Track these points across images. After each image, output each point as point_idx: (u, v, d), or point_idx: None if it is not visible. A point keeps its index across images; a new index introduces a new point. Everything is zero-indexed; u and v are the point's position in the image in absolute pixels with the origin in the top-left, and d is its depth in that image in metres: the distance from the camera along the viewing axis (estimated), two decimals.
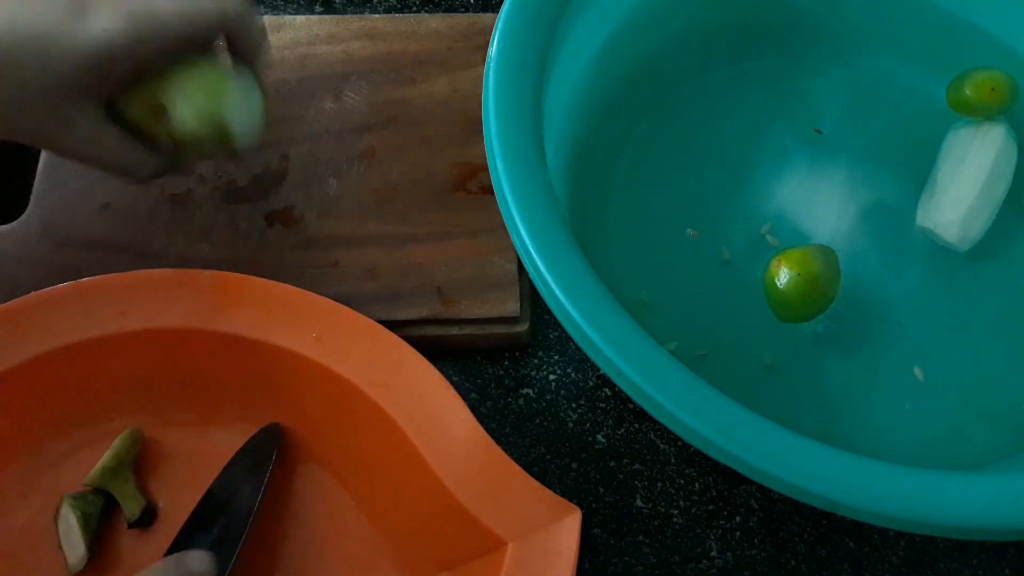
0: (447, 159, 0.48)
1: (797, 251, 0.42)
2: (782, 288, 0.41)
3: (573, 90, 0.46)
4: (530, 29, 0.40)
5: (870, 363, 0.44)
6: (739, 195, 0.48)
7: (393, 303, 0.44)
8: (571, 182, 0.46)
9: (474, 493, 0.36)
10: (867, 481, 0.31)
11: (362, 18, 0.53)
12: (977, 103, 0.47)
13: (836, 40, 0.52)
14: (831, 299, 0.42)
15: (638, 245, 0.47)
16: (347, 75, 0.51)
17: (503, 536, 0.35)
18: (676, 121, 0.50)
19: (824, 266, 0.42)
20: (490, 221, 0.46)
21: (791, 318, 0.43)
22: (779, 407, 0.40)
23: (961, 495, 0.32)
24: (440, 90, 0.50)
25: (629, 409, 0.44)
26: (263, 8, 0.56)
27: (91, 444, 0.41)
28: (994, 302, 0.46)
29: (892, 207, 0.48)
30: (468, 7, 0.57)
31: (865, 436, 0.42)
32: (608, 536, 0.42)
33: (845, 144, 0.50)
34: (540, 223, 0.35)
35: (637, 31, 0.49)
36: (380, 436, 0.39)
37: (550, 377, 0.45)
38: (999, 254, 0.47)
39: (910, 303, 0.46)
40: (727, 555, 0.42)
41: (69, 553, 0.38)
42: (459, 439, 0.37)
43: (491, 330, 0.44)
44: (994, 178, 0.46)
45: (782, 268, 0.42)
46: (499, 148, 0.37)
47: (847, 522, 0.42)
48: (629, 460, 0.43)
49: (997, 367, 0.44)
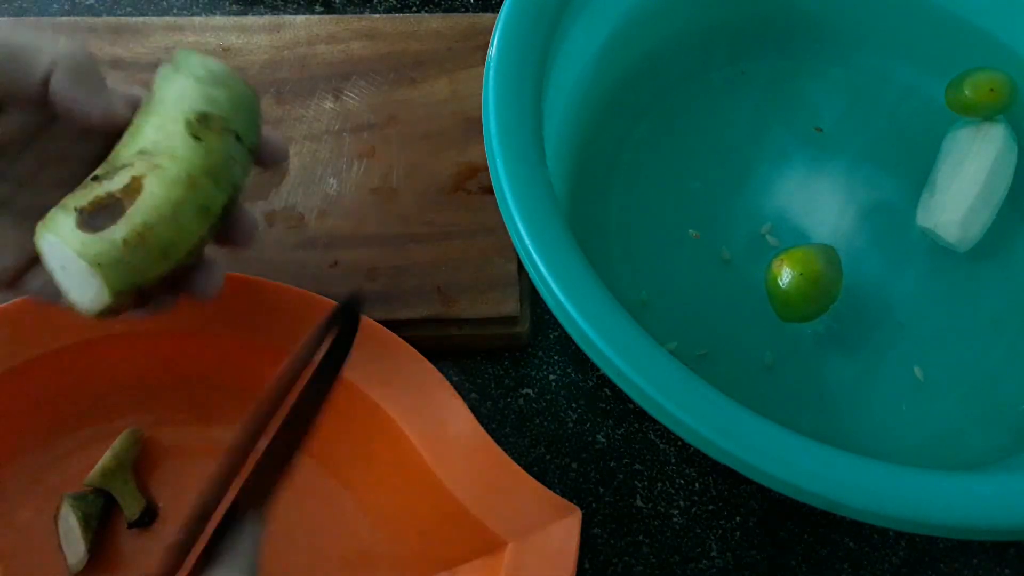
0: (447, 159, 0.48)
1: (799, 251, 0.42)
2: (784, 288, 0.41)
3: (573, 90, 0.46)
4: (530, 29, 0.40)
5: (870, 363, 0.44)
6: (739, 195, 0.48)
7: (393, 303, 0.44)
8: (571, 182, 0.46)
9: (474, 493, 0.36)
10: (867, 481, 0.31)
11: (362, 18, 0.53)
12: (976, 103, 0.47)
13: (836, 40, 0.52)
14: (833, 298, 0.42)
15: (638, 245, 0.47)
16: (347, 75, 0.51)
17: (503, 536, 0.35)
18: (676, 121, 0.50)
19: (826, 265, 0.42)
20: (490, 221, 0.46)
21: (793, 318, 0.43)
22: (779, 407, 0.40)
23: (961, 495, 0.32)
24: (440, 90, 0.50)
25: (629, 409, 0.44)
26: (263, 8, 0.56)
27: (91, 444, 0.41)
28: (994, 302, 0.46)
29: (892, 207, 0.48)
30: (468, 7, 0.57)
31: (865, 436, 0.42)
32: (608, 536, 0.42)
33: (845, 144, 0.50)
34: (540, 223, 0.36)
35: (637, 31, 0.49)
36: (380, 436, 0.39)
37: (550, 377, 0.45)
38: (999, 254, 0.47)
39: (910, 303, 0.46)
40: (727, 555, 0.42)
41: (69, 553, 0.38)
42: (459, 439, 0.37)
43: (491, 330, 0.44)
44: (994, 178, 0.46)
45: (784, 268, 0.42)
46: (499, 148, 0.37)
47: (847, 522, 0.42)
48: (629, 460, 0.43)
49: (997, 367, 0.44)
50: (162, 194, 0.31)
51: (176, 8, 0.56)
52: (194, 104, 0.33)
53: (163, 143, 0.32)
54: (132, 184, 0.30)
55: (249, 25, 0.52)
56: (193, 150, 0.32)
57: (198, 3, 0.56)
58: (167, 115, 0.32)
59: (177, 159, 0.31)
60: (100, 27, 0.51)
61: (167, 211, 0.30)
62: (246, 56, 0.51)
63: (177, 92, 0.33)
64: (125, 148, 0.32)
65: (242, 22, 0.52)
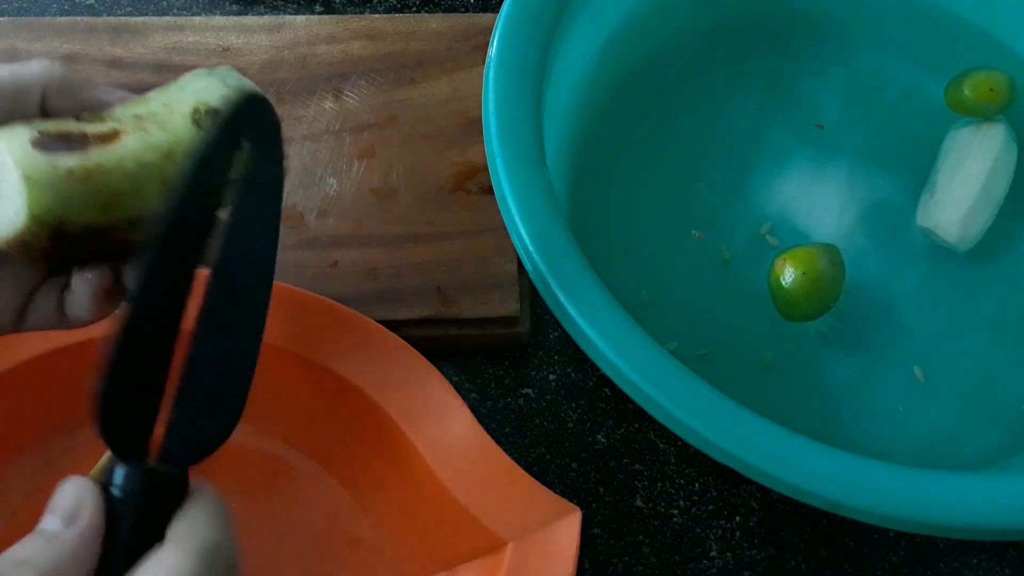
0: (447, 159, 0.48)
1: (802, 250, 0.42)
2: (787, 287, 0.41)
3: (573, 90, 0.46)
4: (530, 29, 0.40)
5: (870, 363, 0.44)
6: (739, 195, 0.48)
7: (393, 303, 0.44)
8: (571, 182, 0.46)
9: (474, 493, 0.36)
10: (867, 481, 0.31)
11: (362, 18, 0.53)
12: (976, 103, 0.47)
13: (836, 40, 0.52)
14: (836, 298, 0.43)
15: (638, 245, 0.47)
16: (347, 75, 0.51)
17: (503, 536, 0.35)
18: (676, 121, 0.50)
19: (829, 265, 0.42)
20: (490, 221, 0.46)
21: (796, 317, 0.43)
22: (779, 407, 0.40)
23: (961, 495, 0.32)
24: (440, 90, 0.50)
25: (629, 409, 0.44)
26: (263, 8, 0.56)
27: (91, 444, 0.41)
28: (994, 302, 0.46)
29: (892, 207, 0.48)
30: (468, 7, 0.57)
31: (865, 436, 0.42)
32: (608, 536, 0.42)
33: (845, 144, 0.50)
34: (540, 223, 0.36)
35: (637, 31, 0.49)
36: (380, 436, 0.39)
37: (550, 377, 0.45)
38: (999, 254, 0.47)
39: (910, 303, 0.46)
40: (727, 555, 0.42)
41: None
42: (459, 439, 0.37)
43: (491, 330, 0.44)
44: (994, 178, 0.46)
45: (787, 267, 0.42)
46: (499, 148, 0.37)
47: (847, 522, 0.42)
48: (629, 460, 0.43)
49: (997, 367, 0.44)
50: (134, 150, 0.29)
51: (176, 8, 0.56)
52: (211, 100, 0.32)
53: (161, 115, 0.31)
54: (110, 134, 0.29)
55: (249, 25, 0.52)
56: (188, 131, 0.31)
57: (198, 3, 0.56)
58: (179, 99, 0.31)
59: (167, 132, 0.30)
60: (100, 27, 0.51)
61: (130, 166, 0.29)
62: (246, 56, 0.51)
63: (201, 86, 0.32)
64: (122, 110, 0.31)
65: (242, 22, 0.52)
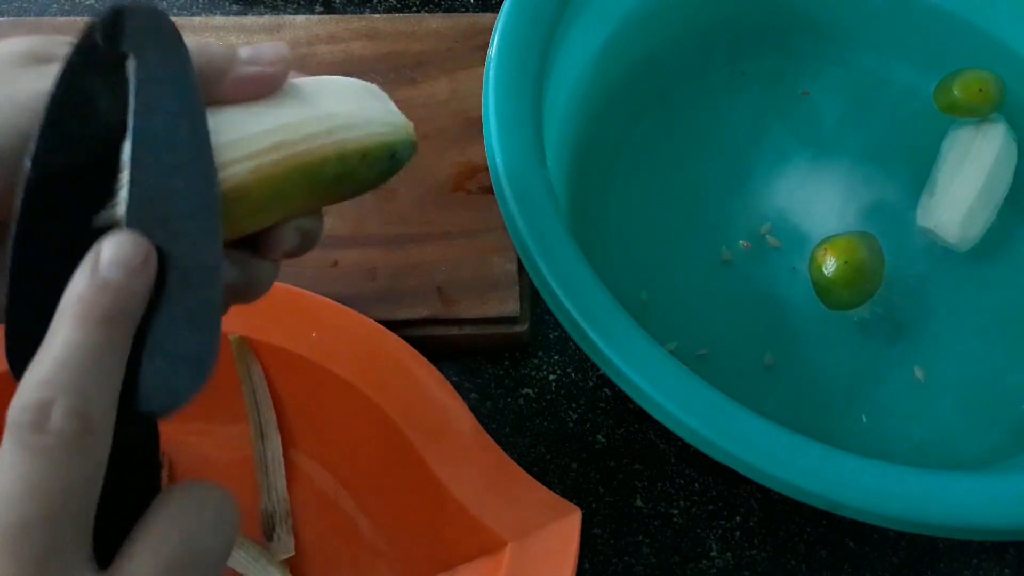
0: (447, 159, 0.48)
1: (842, 239, 0.42)
2: (829, 276, 0.42)
3: (573, 90, 0.46)
4: (530, 29, 0.40)
5: (870, 363, 0.44)
6: (739, 195, 0.48)
7: (393, 303, 0.44)
8: (571, 182, 0.46)
9: (474, 493, 0.36)
10: (867, 481, 0.31)
11: (362, 18, 0.53)
12: (966, 104, 0.47)
13: (836, 40, 0.52)
14: (877, 285, 0.43)
15: (638, 245, 0.47)
16: (347, 75, 0.50)
17: (503, 536, 0.35)
18: (676, 121, 0.50)
19: (869, 252, 0.42)
20: (490, 221, 0.46)
21: (838, 305, 0.43)
22: (779, 407, 0.40)
23: (961, 495, 0.32)
24: (440, 90, 0.50)
25: (629, 409, 0.44)
26: (263, 8, 0.56)
27: None
28: (994, 302, 0.46)
29: (892, 207, 0.48)
30: (468, 7, 0.57)
31: (865, 436, 0.42)
32: (608, 536, 0.42)
33: (845, 144, 0.50)
34: (540, 223, 0.36)
35: (637, 31, 0.49)
36: (380, 436, 0.39)
37: (550, 377, 0.45)
38: (999, 254, 0.47)
39: (910, 303, 0.46)
40: (727, 555, 0.42)
41: None
42: (459, 439, 0.37)
43: (491, 330, 0.44)
44: (994, 178, 0.46)
45: (828, 256, 0.42)
46: (499, 148, 0.37)
47: (847, 522, 0.42)
48: (629, 460, 0.43)
49: (997, 367, 0.44)
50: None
51: (176, 8, 0.56)
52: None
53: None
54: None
55: (249, 25, 0.52)
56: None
57: (198, 3, 0.56)
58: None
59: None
60: None
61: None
62: None
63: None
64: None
65: (242, 22, 0.52)
